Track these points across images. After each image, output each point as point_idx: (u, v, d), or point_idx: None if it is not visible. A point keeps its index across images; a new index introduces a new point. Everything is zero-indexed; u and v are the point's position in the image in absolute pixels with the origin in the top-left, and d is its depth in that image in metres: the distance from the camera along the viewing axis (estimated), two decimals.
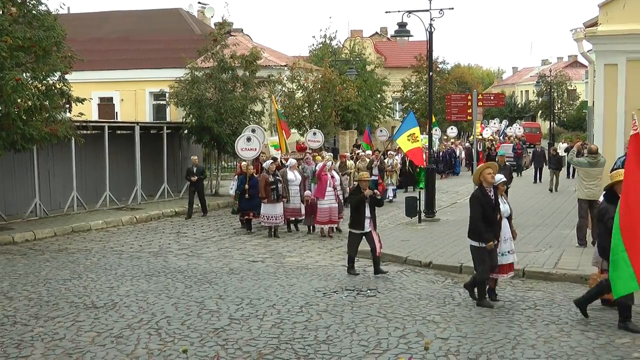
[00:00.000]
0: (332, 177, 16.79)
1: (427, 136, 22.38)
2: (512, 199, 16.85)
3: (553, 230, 16.57)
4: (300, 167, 18.61)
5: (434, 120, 35.25)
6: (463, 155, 37.93)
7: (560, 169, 27.32)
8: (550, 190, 26.20)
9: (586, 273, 11.63)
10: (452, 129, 42.80)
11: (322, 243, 15.82)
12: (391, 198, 24.29)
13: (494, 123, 55.52)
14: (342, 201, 17.56)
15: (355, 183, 14.25)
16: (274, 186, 16.54)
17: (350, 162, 22.79)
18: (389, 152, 25.88)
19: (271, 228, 16.77)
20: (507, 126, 58.49)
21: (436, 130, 36.18)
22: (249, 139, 19.04)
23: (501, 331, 8.71)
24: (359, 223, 12.20)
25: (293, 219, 17.62)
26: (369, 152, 26.07)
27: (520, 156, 36.02)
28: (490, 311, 9.68)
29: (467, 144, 40.12)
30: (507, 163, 17.70)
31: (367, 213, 12.17)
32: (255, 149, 19.08)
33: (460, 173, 36.76)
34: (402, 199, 22.66)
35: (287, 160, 19.05)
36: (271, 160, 17.98)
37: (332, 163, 17.64)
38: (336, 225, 16.97)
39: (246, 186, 17.21)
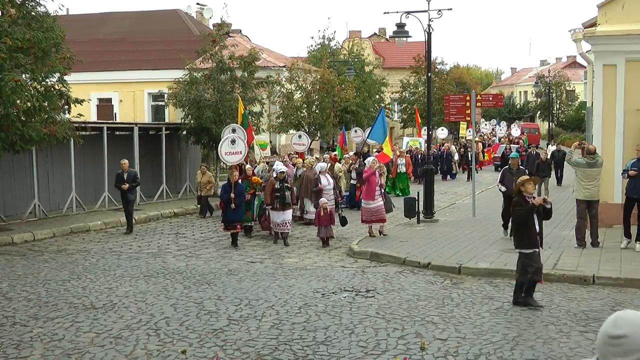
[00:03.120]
0: (328, 180, 16.22)
1: (426, 137, 22.38)
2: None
3: (552, 230, 16.55)
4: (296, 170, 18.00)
5: (420, 120, 34.96)
6: (457, 157, 35.79)
7: (549, 176, 24.26)
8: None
9: (585, 274, 11.67)
10: (442, 130, 41.93)
11: (321, 244, 15.79)
12: None
13: (485, 125, 54.46)
14: (335, 206, 16.63)
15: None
16: (279, 193, 15.52)
17: (338, 165, 21.74)
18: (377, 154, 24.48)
19: (277, 234, 15.90)
20: (504, 126, 58.40)
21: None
22: (233, 142, 17.25)
23: (500, 332, 8.71)
24: (530, 240, 9.85)
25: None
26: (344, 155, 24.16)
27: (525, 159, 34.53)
28: (489, 312, 9.69)
29: (453, 147, 38.34)
30: (520, 167, 16.41)
31: (537, 227, 9.89)
32: (241, 152, 17.33)
33: (456, 177, 34.94)
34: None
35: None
36: (284, 168, 16.49)
37: (327, 165, 17.34)
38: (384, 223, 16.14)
39: (232, 194, 15.45)
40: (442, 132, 41.52)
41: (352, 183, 22.05)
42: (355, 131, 31.67)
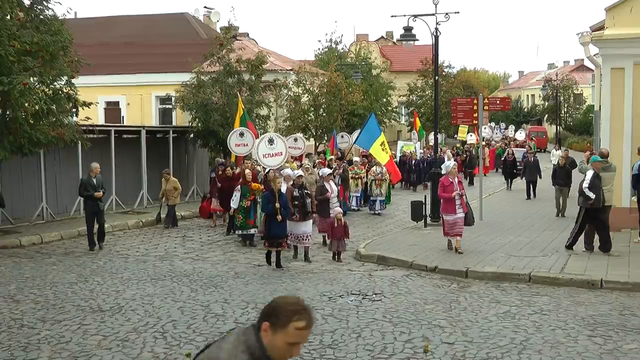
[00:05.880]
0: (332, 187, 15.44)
1: (433, 140, 22.30)
2: (517, 202, 16.81)
3: (560, 234, 16.50)
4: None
5: (419, 125, 34.76)
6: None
7: (568, 185, 20.59)
8: (557, 214, 20.17)
9: (593, 278, 11.62)
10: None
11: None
12: (379, 211, 21.54)
13: (484, 128, 53.33)
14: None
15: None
16: (297, 202, 14.04)
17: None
18: (376, 160, 22.19)
19: (296, 249, 14.42)
20: (512, 130, 58.16)
21: (414, 134, 33.99)
22: (271, 141, 15.01)
23: (507, 336, 8.68)
24: None
25: None
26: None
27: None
28: (496, 316, 9.66)
29: (449, 151, 36.95)
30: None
31: None
32: (282, 153, 15.19)
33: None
34: (389, 211, 22.26)
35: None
36: (300, 172, 15.40)
37: (327, 171, 16.77)
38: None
39: (277, 205, 13.29)
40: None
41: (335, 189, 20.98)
42: (342, 137, 28.80)
